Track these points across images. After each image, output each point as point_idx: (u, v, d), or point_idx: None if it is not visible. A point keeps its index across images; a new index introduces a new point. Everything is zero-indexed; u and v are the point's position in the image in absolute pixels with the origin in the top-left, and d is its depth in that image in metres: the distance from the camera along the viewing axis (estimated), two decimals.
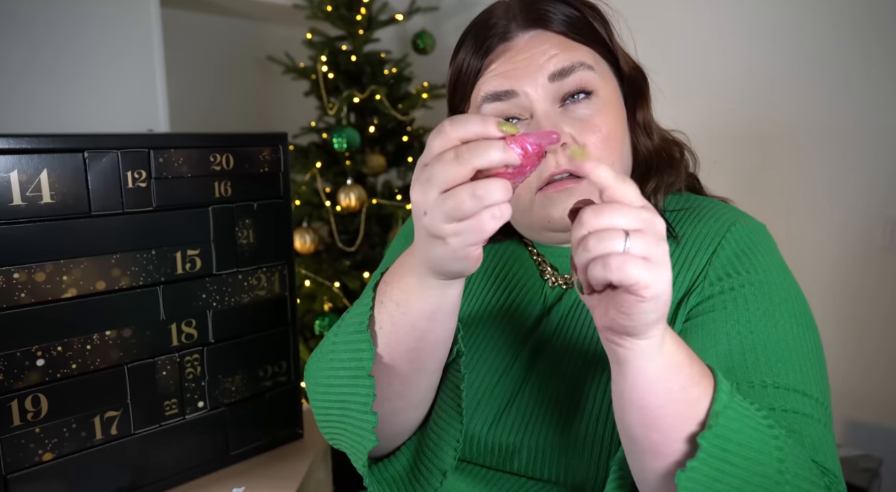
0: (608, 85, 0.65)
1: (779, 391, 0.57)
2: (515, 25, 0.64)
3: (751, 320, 0.60)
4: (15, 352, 0.73)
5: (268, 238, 0.93)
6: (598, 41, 0.65)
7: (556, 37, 0.63)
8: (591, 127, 0.62)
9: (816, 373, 0.61)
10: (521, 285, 0.73)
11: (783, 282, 0.64)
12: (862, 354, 1.70)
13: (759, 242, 0.67)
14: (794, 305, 0.63)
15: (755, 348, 0.59)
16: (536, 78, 0.61)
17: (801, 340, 0.61)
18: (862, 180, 1.65)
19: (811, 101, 1.70)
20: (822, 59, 1.67)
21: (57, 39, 1.69)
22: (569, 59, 0.62)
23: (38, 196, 0.73)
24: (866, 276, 1.67)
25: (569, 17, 0.64)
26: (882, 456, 1.60)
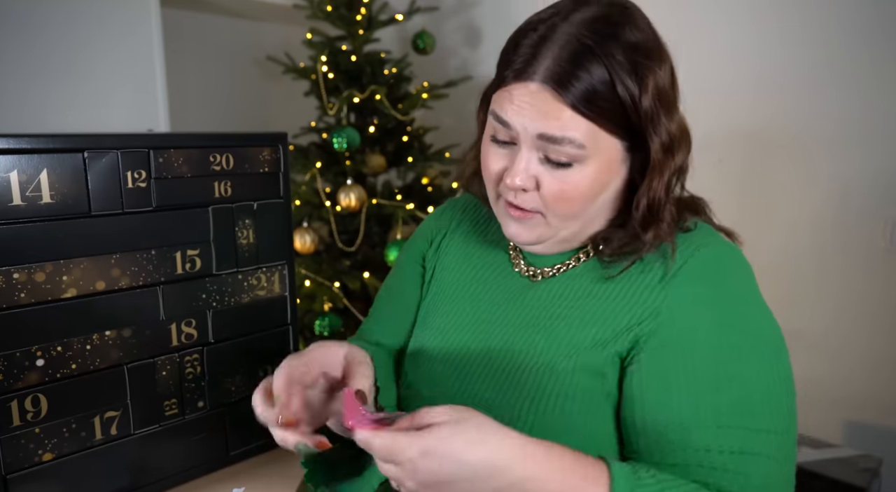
0: (598, 159, 0.63)
1: (737, 431, 0.59)
2: (534, 70, 0.60)
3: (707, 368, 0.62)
4: (15, 352, 0.73)
5: (268, 238, 0.93)
6: (613, 116, 0.61)
7: (562, 105, 0.60)
8: (559, 197, 0.64)
9: (782, 404, 0.62)
10: (493, 267, 0.80)
11: (740, 318, 0.64)
12: (862, 355, 1.70)
13: (720, 276, 0.66)
14: (755, 339, 0.63)
15: (716, 390, 0.61)
16: (528, 128, 0.62)
17: (764, 373, 0.62)
18: (862, 181, 1.65)
19: (814, 102, 1.70)
20: (825, 61, 1.67)
21: (56, 39, 1.69)
22: (561, 131, 0.60)
23: (38, 196, 0.73)
24: (866, 276, 1.67)
25: (590, 90, 0.59)
26: (882, 456, 1.60)
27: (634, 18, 0.63)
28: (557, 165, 0.63)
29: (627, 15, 0.63)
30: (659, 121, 0.62)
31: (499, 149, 0.66)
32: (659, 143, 0.63)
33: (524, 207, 0.66)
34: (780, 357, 0.64)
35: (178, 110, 2.03)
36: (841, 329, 1.72)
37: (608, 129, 0.61)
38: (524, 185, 0.64)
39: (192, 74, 2.32)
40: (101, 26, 1.76)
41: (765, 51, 1.76)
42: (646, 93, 0.60)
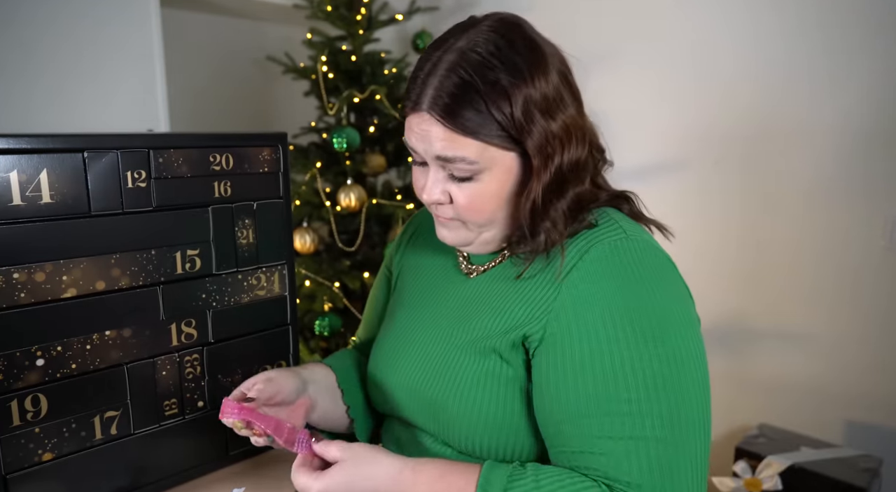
0: (495, 171, 0.70)
1: (623, 418, 0.64)
2: (422, 101, 0.69)
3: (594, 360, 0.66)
4: (15, 352, 0.73)
5: (268, 238, 0.93)
6: (489, 131, 0.67)
7: (448, 130, 0.68)
8: (464, 207, 0.72)
9: (673, 389, 0.65)
10: (443, 267, 0.87)
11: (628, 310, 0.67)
12: (862, 354, 1.70)
13: (611, 270, 0.68)
14: (645, 327, 0.66)
15: (602, 380, 0.66)
16: (427, 150, 0.70)
17: (654, 360, 0.65)
18: (862, 180, 1.65)
19: (813, 101, 1.70)
20: (824, 59, 1.67)
21: (57, 39, 1.69)
22: (451, 151, 0.68)
23: (38, 196, 0.73)
24: (866, 275, 1.67)
25: (467, 114, 0.66)
26: (882, 456, 1.60)
27: (508, 37, 0.69)
28: (461, 179, 0.71)
29: (500, 35, 0.69)
30: (532, 128, 0.67)
31: (418, 168, 0.75)
32: (534, 147, 0.68)
33: (444, 216, 0.75)
34: (676, 342, 0.66)
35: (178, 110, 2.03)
36: (841, 328, 1.72)
37: (494, 143, 0.68)
38: (436, 200, 0.73)
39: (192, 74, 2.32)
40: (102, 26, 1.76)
41: (764, 50, 1.76)
42: (515, 105, 0.66)
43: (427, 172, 0.73)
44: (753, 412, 1.87)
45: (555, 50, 0.73)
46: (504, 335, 0.72)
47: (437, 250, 0.90)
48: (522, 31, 0.71)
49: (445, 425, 0.75)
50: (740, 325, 1.88)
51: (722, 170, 1.85)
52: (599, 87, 2.11)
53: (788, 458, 1.57)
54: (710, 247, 1.91)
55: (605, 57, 2.00)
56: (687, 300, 0.71)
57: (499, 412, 0.71)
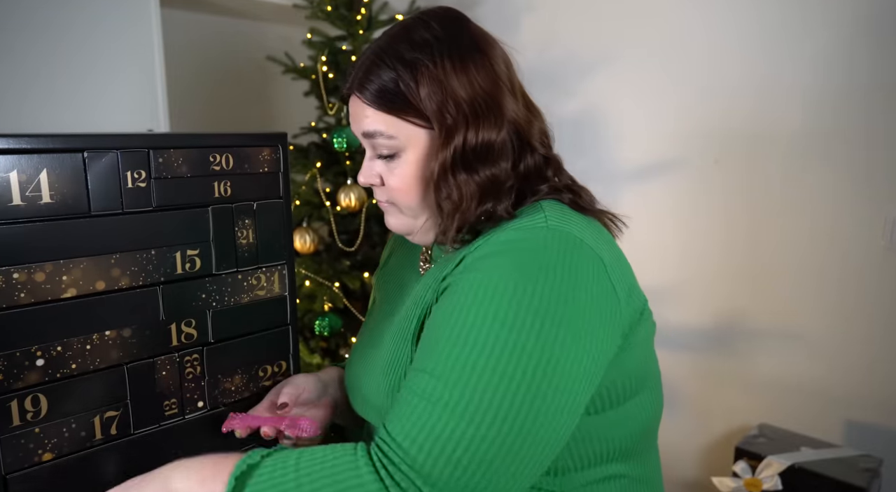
0: (414, 149, 0.73)
1: (418, 375, 0.64)
2: (350, 84, 0.75)
3: (434, 320, 0.68)
4: (15, 352, 0.73)
5: (268, 238, 0.93)
6: (406, 109, 0.71)
7: (366, 106, 0.73)
8: (393, 187, 0.76)
9: (472, 367, 0.61)
10: (410, 267, 0.91)
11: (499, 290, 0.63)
12: (862, 354, 1.70)
13: (503, 253, 0.65)
14: (495, 319, 0.62)
15: (426, 340, 0.68)
16: (356, 130, 0.76)
17: (481, 340, 0.61)
18: (862, 180, 1.65)
19: (813, 101, 1.70)
20: (824, 59, 1.67)
21: (56, 39, 1.69)
22: (373, 126, 0.73)
23: (38, 196, 0.73)
24: (866, 275, 1.67)
25: (380, 89, 0.72)
26: (882, 456, 1.60)
27: (428, 24, 0.73)
28: (386, 158, 0.75)
29: (422, 22, 0.73)
30: (435, 99, 0.70)
31: (365, 157, 0.80)
32: (436, 122, 0.71)
33: (381, 199, 0.79)
34: (534, 337, 0.60)
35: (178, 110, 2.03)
36: (841, 328, 1.72)
37: (407, 119, 0.72)
38: (369, 181, 0.78)
39: (192, 74, 2.32)
40: (101, 26, 1.76)
41: (763, 49, 1.76)
42: (422, 83, 0.70)
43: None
44: (753, 412, 1.87)
45: (488, 41, 0.75)
46: (415, 318, 0.73)
47: (406, 258, 0.94)
48: (451, 20, 0.74)
49: (376, 415, 0.77)
50: (740, 325, 1.88)
51: (722, 170, 1.85)
52: (600, 88, 2.11)
53: (788, 458, 1.57)
54: (710, 247, 1.91)
55: (605, 57, 2.00)
56: (594, 304, 0.64)
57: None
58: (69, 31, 1.71)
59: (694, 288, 1.94)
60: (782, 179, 1.77)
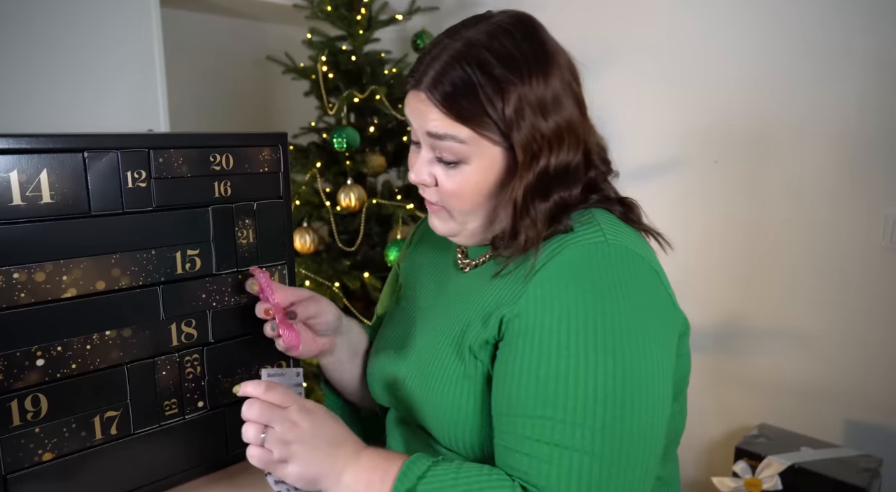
0: (480, 160, 0.71)
1: (552, 423, 0.64)
2: (419, 79, 0.71)
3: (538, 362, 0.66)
4: (15, 352, 0.73)
5: (268, 238, 0.93)
6: (481, 122, 0.69)
7: (436, 108, 0.70)
8: (448, 192, 0.74)
9: (610, 400, 0.63)
10: (443, 262, 0.89)
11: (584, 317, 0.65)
12: (862, 354, 1.70)
13: (576, 275, 0.66)
14: (597, 337, 0.64)
15: (539, 383, 0.65)
16: (422, 127, 0.73)
17: (595, 370, 0.63)
18: (862, 180, 1.65)
19: (811, 100, 1.70)
20: (821, 58, 1.67)
21: (56, 39, 1.69)
22: (443, 129, 0.70)
23: (38, 196, 0.73)
24: (866, 275, 1.67)
25: (459, 99, 0.68)
26: (882, 456, 1.60)
27: (514, 35, 0.70)
28: (447, 163, 0.72)
29: (508, 31, 0.70)
30: (521, 125, 0.68)
31: (414, 147, 0.77)
32: (520, 144, 0.69)
33: (430, 200, 0.77)
34: (631, 358, 0.64)
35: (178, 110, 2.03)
36: (841, 328, 1.72)
37: (483, 134, 0.69)
38: (422, 180, 0.75)
39: (192, 74, 2.32)
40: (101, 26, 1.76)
41: (762, 49, 1.76)
42: (508, 102, 0.68)
43: (419, 153, 0.76)
44: (753, 412, 1.87)
45: (564, 55, 0.73)
46: (475, 332, 0.72)
47: (439, 250, 0.92)
48: (531, 30, 0.71)
49: (430, 423, 0.76)
50: (740, 325, 1.88)
51: (722, 170, 1.85)
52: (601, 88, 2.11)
53: (788, 458, 1.57)
54: (710, 247, 1.91)
55: (604, 58, 2.00)
56: (660, 314, 0.68)
57: (477, 412, 0.72)
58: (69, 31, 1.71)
59: (694, 288, 1.94)
60: (782, 179, 1.77)
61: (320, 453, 0.66)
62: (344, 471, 0.66)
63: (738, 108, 1.81)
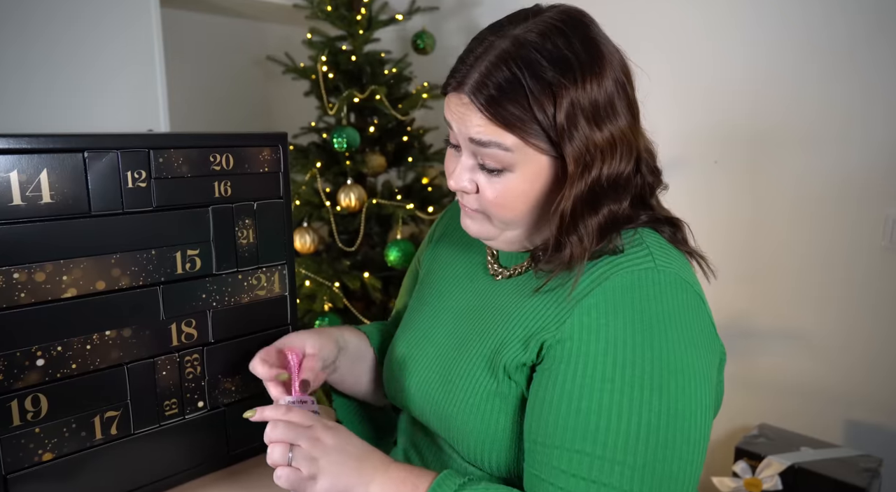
0: (526, 169, 0.66)
1: (592, 459, 0.61)
2: (465, 82, 0.65)
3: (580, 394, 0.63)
4: (15, 352, 0.73)
5: (268, 238, 0.93)
6: (529, 130, 0.64)
7: (485, 117, 0.65)
8: (490, 201, 0.69)
9: (651, 439, 0.61)
10: (471, 266, 0.85)
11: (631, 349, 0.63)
12: (862, 354, 1.70)
13: (626, 304, 0.64)
14: (643, 371, 0.62)
15: (582, 415, 0.63)
16: (463, 132, 0.68)
17: (639, 407, 0.61)
18: (861, 180, 1.65)
19: (812, 101, 1.70)
20: (824, 59, 1.67)
21: (56, 39, 1.69)
22: (487, 136, 0.65)
23: (38, 196, 0.73)
24: (866, 275, 1.67)
25: (508, 105, 0.63)
26: (882, 456, 1.60)
27: (567, 34, 0.64)
28: (490, 171, 0.68)
29: (560, 30, 0.64)
30: (573, 134, 0.63)
31: (453, 151, 0.73)
32: (573, 154, 0.64)
33: (469, 206, 0.72)
34: (677, 394, 0.62)
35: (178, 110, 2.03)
36: (841, 328, 1.72)
37: (529, 141, 0.65)
38: (462, 187, 0.71)
39: (192, 74, 2.32)
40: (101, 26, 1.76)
41: (762, 49, 1.76)
42: (560, 108, 0.62)
43: (459, 157, 0.71)
44: (753, 412, 1.87)
45: (617, 55, 0.68)
46: (513, 353, 0.69)
47: (467, 247, 0.88)
48: (584, 29, 0.66)
49: (456, 437, 0.74)
50: (741, 325, 1.88)
51: (722, 170, 1.85)
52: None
53: (788, 458, 1.57)
54: (713, 246, 1.90)
55: None
56: (705, 347, 0.66)
57: (507, 431, 0.70)
58: (69, 31, 1.71)
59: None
60: (782, 179, 1.77)
61: (348, 467, 0.65)
62: (372, 482, 0.66)
63: (739, 109, 1.81)
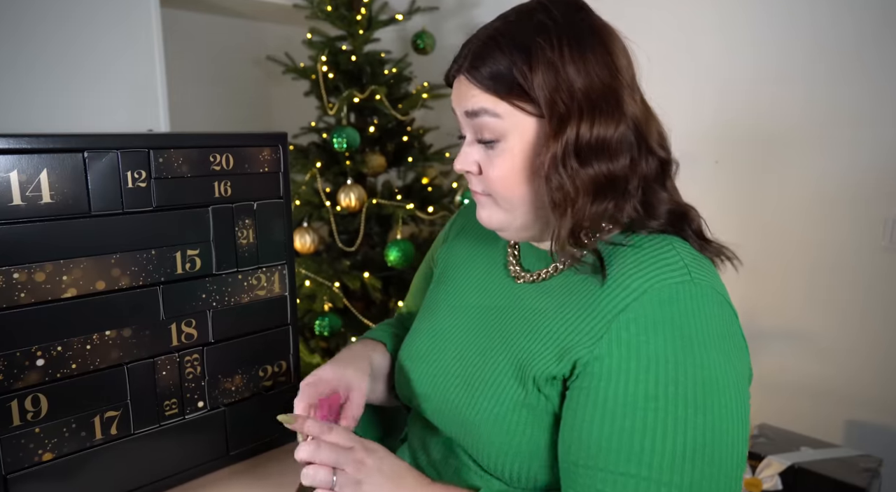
0: (518, 136, 0.68)
1: (630, 480, 0.60)
2: (460, 65, 0.71)
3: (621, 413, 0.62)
4: (15, 352, 0.73)
5: (268, 238, 0.93)
6: (513, 92, 0.67)
7: (474, 86, 0.69)
8: (491, 178, 0.71)
9: (694, 459, 0.60)
10: (490, 266, 0.84)
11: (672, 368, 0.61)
12: (862, 355, 1.70)
13: (666, 321, 0.62)
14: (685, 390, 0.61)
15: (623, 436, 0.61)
16: (458, 108, 0.72)
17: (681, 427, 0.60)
18: (861, 180, 1.65)
19: (813, 101, 1.70)
20: (823, 59, 1.67)
21: (57, 39, 1.69)
22: (479, 103, 0.69)
23: (38, 196, 0.73)
24: (866, 276, 1.67)
25: (492, 72, 0.67)
26: (882, 456, 1.60)
27: (550, 9, 0.68)
28: (487, 143, 0.70)
29: (544, 7, 0.69)
30: (546, 82, 0.65)
31: (464, 144, 0.75)
32: (545, 102, 0.65)
33: (476, 189, 0.74)
34: (720, 412, 0.61)
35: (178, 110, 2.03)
36: (841, 329, 1.72)
37: (515, 104, 0.67)
38: (464, 167, 0.73)
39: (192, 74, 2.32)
40: (101, 26, 1.76)
41: (762, 50, 1.76)
42: (536, 65, 0.65)
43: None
44: (753, 412, 1.87)
45: (611, 33, 0.71)
46: (543, 365, 0.67)
47: (486, 244, 0.87)
48: (572, 6, 0.70)
49: (475, 444, 0.72)
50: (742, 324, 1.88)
51: (723, 170, 1.85)
52: None
53: (788, 458, 1.57)
54: None
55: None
56: (741, 363, 0.65)
57: (532, 443, 0.68)
58: (69, 32, 1.71)
59: None
60: (782, 179, 1.77)
61: (386, 489, 0.66)
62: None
63: (740, 109, 1.81)
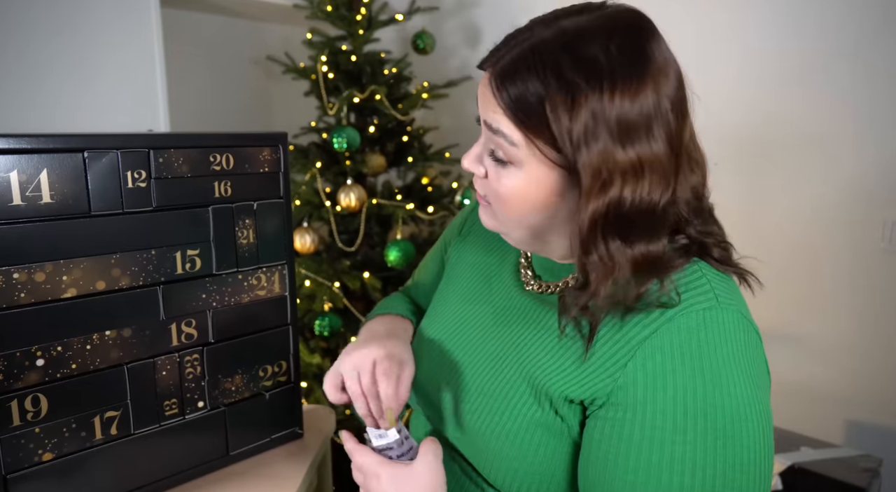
0: (531, 170, 0.62)
1: None
2: (496, 62, 0.62)
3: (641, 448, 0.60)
4: (15, 352, 0.73)
5: (268, 238, 0.93)
6: (540, 134, 0.59)
7: (497, 104, 0.61)
8: (494, 193, 0.66)
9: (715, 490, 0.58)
10: (501, 269, 0.82)
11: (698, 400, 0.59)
12: (862, 355, 1.70)
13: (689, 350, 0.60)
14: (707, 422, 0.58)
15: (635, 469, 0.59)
16: (482, 112, 0.65)
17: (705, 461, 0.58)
18: (861, 181, 1.65)
19: (812, 103, 1.70)
20: (823, 61, 1.67)
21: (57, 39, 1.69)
22: (497, 123, 0.62)
23: (38, 196, 0.73)
24: (865, 277, 1.67)
25: (520, 97, 0.59)
26: (882, 456, 1.60)
27: (612, 37, 0.58)
28: (498, 161, 0.64)
29: (605, 31, 0.59)
30: (591, 145, 0.57)
31: (478, 142, 0.70)
32: (587, 166, 0.58)
33: (479, 190, 0.70)
34: (748, 444, 0.58)
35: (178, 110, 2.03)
36: (841, 329, 1.72)
37: (537, 144, 0.60)
38: (472, 167, 0.68)
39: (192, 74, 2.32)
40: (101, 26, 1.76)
41: (761, 51, 1.76)
42: (576, 117, 0.57)
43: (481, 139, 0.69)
44: None
45: (672, 74, 0.63)
46: (560, 385, 0.65)
47: (493, 249, 0.85)
48: (634, 34, 0.61)
49: (481, 457, 0.70)
50: None
51: (722, 172, 1.85)
52: None
53: (788, 458, 1.57)
54: None
55: None
56: (765, 386, 0.63)
57: (545, 463, 0.66)
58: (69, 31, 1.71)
59: None
60: (782, 181, 1.77)
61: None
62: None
63: (739, 111, 1.81)
